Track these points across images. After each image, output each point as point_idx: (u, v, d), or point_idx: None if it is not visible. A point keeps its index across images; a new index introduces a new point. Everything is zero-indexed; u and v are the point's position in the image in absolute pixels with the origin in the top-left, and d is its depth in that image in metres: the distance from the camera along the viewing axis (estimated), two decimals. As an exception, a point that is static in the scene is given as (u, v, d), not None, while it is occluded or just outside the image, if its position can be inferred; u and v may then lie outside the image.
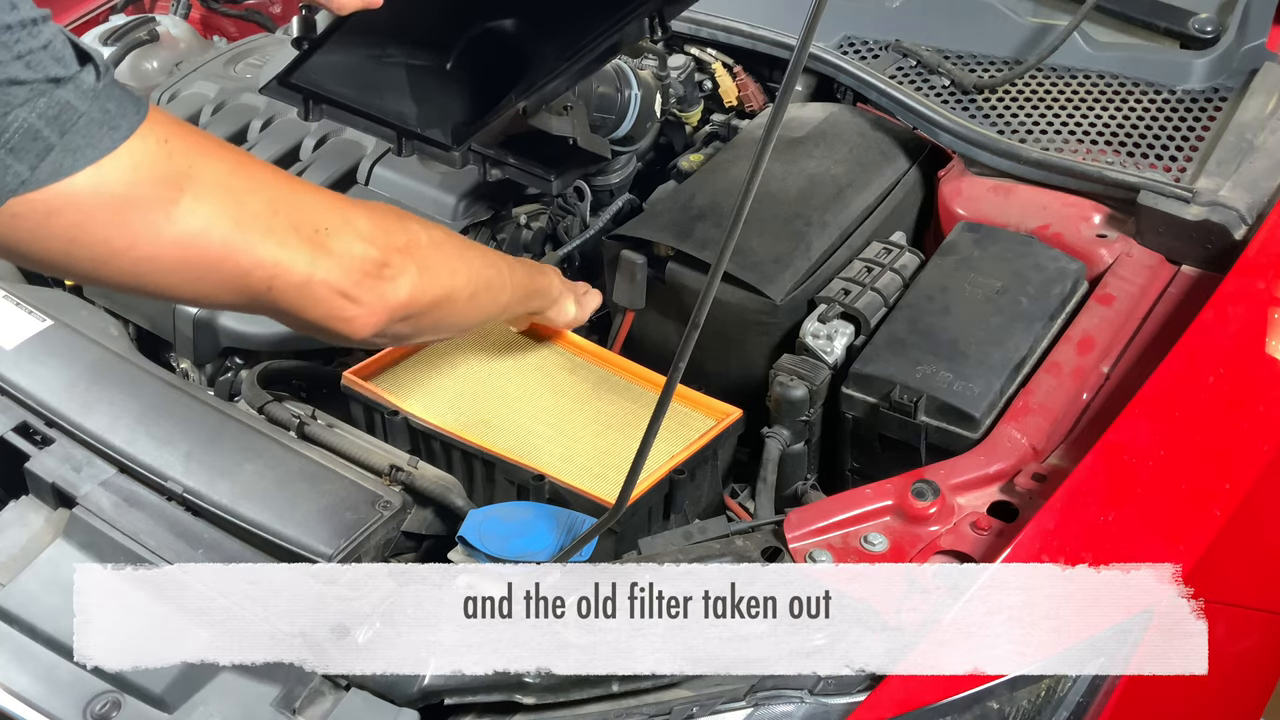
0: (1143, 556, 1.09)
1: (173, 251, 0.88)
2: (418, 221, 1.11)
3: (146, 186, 0.85)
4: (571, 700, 1.05)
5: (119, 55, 2.12)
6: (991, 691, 1.03)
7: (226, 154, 0.93)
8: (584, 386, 1.43)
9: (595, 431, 1.37)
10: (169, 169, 0.86)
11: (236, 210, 0.91)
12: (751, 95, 1.91)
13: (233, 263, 0.92)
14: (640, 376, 1.45)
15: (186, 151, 0.88)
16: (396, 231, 1.05)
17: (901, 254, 1.53)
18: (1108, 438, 1.17)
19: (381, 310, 1.02)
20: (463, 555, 1.19)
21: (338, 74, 1.31)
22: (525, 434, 1.36)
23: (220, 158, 0.92)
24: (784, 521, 1.17)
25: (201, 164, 0.89)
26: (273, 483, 1.22)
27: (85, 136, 0.81)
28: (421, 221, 1.12)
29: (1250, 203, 1.46)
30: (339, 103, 1.34)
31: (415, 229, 1.08)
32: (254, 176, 0.94)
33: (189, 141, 0.89)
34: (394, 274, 1.03)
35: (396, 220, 1.07)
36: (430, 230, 1.11)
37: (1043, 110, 1.65)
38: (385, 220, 1.05)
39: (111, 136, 0.83)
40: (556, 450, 1.34)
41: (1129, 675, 1.07)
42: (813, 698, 1.02)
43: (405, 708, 1.05)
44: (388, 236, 1.03)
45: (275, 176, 0.97)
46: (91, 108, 0.81)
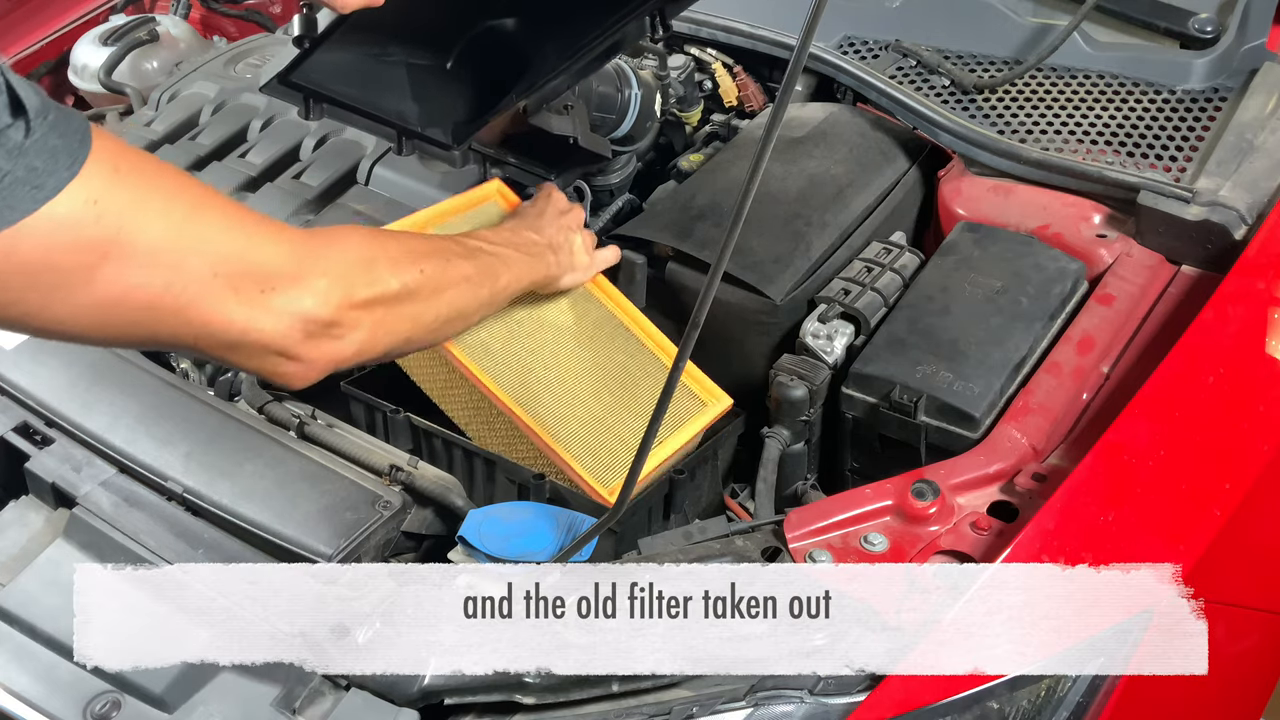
0: (1143, 556, 1.09)
1: (91, 314, 0.84)
2: (395, 263, 1.03)
3: (63, 254, 0.80)
4: (571, 700, 1.05)
5: (119, 55, 2.12)
6: (991, 691, 1.03)
7: (172, 207, 0.85)
8: (595, 333, 1.42)
9: (592, 389, 1.35)
10: (94, 234, 0.80)
11: (168, 275, 0.85)
12: (751, 95, 1.91)
13: (157, 324, 0.87)
14: (654, 340, 1.43)
15: (120, 212, 0.81)
16: (361, 284, 0.98)
17: (901, 254, 1.53)
18: (1108, 438, 1.17)
19: (323, 365, 0.97)
20: (463, 555, 1.19)
21: (338, 73, 1.31)
22: (522, 370, 1.34)
23: (161, 214, 0.84)
24: (784, 521, 1.17)
25: (135, 225, 0.82)
26: (273, 483, 1.22)
27: (4, 198, 0.76)
28: (399, 263, 1.03)
29: (1250, 203, 1.46)
30: (339, 101, 1.34)
31: (385, 277, 1.01)
32: (199, 234, 0.86)
33: (125, 199, 0.82)
34: (342, 333, 0.97)
35: (364, 271, 0.99)
36: (405, 273, 1.03)
37: (1043, 110, 1.65)
38: (351, 273, 0.97)
39: (34, 197, 0.77)
40: (549, 402, 1.32)
41: (1129, 675, 1.07)
42: (813, 698, 1.02)
43: (405, 708, 1.05)
44: (348, 291, 0.96)
45: (227, 230, 0.89)
46: (16, 166, 0.76)
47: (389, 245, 1.05)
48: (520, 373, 1.34)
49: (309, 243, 0.96)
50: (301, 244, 0.94)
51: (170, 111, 1.87)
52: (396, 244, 1.06)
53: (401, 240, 1.09)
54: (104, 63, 2.12)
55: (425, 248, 1.11)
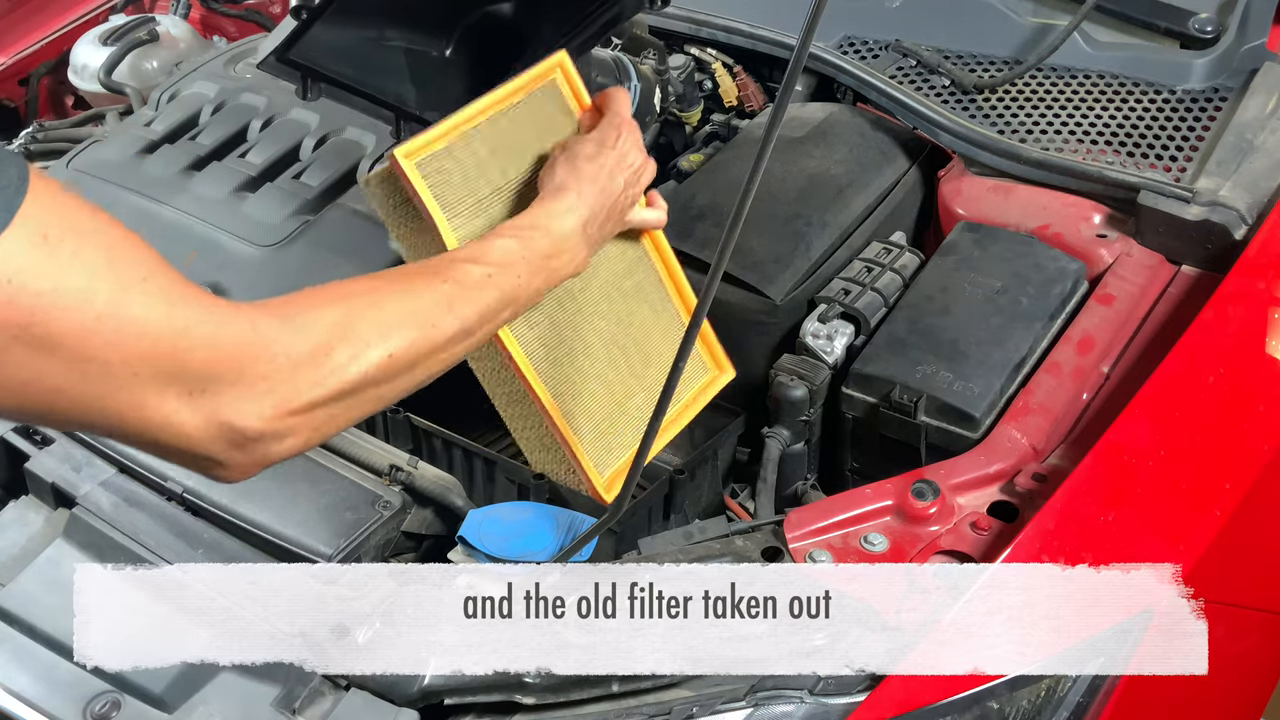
0: (1143, 556, 1.08)
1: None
2: (362, 344, 0.88)
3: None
4: (571, 700, 1.05)
5: (119, 55, 2.12)
6: (991, 691, 1.03)
7: (98, 287, 0.73)
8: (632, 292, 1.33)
9: (603, 342, 1.28)
10: (4, 315, 0.70)
11: (84, 366, 0.74)
12: (751, 95, 1.91)
13: (68, 412, 0.77)
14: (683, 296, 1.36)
15: (39, 292, 0.70)
16: (308, 385, 0.84)
17: (901, 254, 1.53)
18: (1108, 438, 1.17)
19: (254, 470, 0.86)
20: (463, 555, 1.19)
21: (337, 53, 1.30)
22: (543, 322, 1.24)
23: (84, 297, 0.73)
24: (784, 521, 1.17)
25: (54, 309, 0.71)
26: (272, 482, 1.22)
27: None
28: (368, 343, 0.88)
29: (1250, 203, 1.46)
30: (337, 81, 1.34)
31: (343, 367, 0.87)
32: (127, 321, 0.75)
33: (47, 276, 0.71)
34: (276, 441, 0.84)
35: (316, 366, 0.85)
36: (371, 355, 0.89)
37: (1043, 110, 1.65)
38: (299, 371, 0.84)
39: None
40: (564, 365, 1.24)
41: (1129, 675, 1.07)
42: (813, 698, 1.02)
43: (405, 708, 1.05)
44: (289, 396, 0.83)
45: (161, 320, 0.77)
46: None
47: (361, 321, 0.89)
48: (540, 327, 1.24)
49: (257, 330, 0.82)
50: (248, 333, 0.82)
51: (170, 111, 1.87)
52: (374, 315, 0.91)
53: (383, 306, 0.92)
54: (104, 63, 2.12)
55: (409, 312, 0.94)
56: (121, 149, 1.76)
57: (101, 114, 2.04)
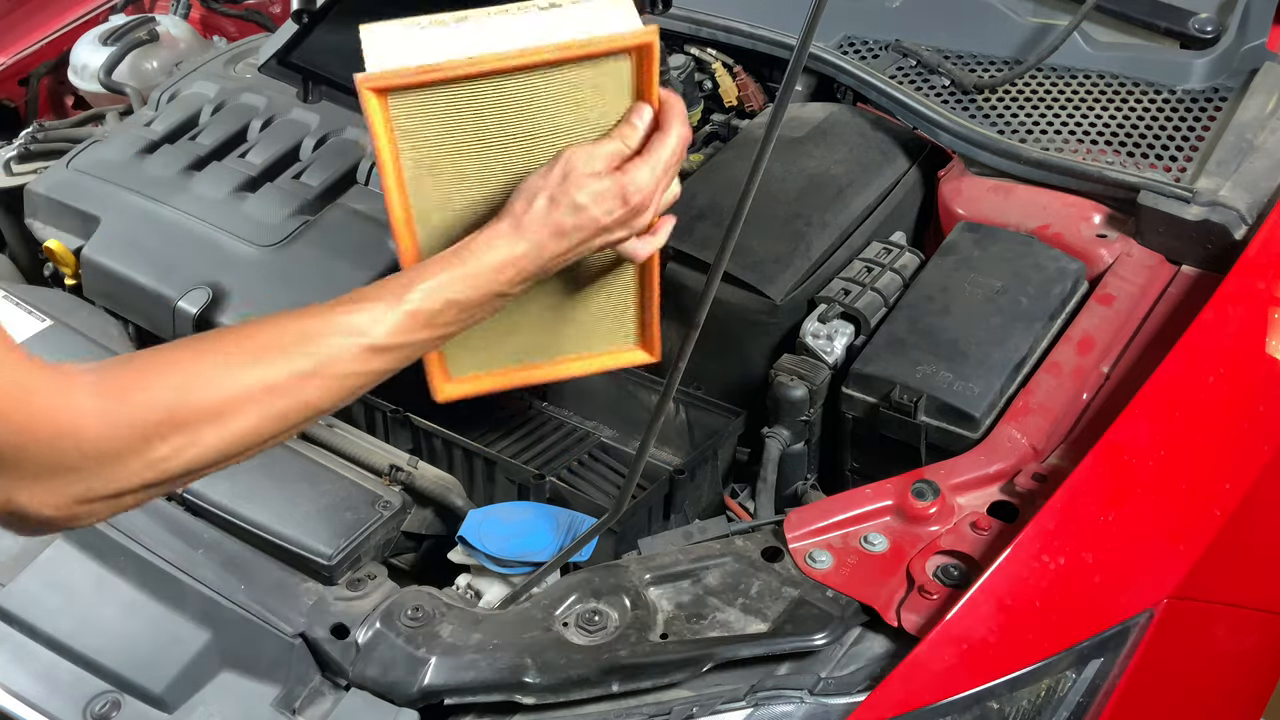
0: (1143, 556, 1.09)
1: None
2: (193, 430, 0.80)
3: None
4: (571, 700, 1.05)
5: (119, 55, 2.12)
6: (991, 691, 1.03)
7: None
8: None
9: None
10: None
11: None
12: (751, 95, 1.91)
13: None
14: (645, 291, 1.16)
15: None
16: (122, 477, 0.78)
17: (901, 254, 1.53)
18: (1108, 438, 1.17)
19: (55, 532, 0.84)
20: (463, 555, 1.19)
21: (338, 56, 1.30)
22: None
23: None
24: (784, 521, 1.17)
25: None
26: (273, 483, 1.22)
27: None
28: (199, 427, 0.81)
29: (1250, 203, 1.46)
30: (338, 84, 1.34)
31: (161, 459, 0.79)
32: None
33: None
34: (70, 522, 0.79)
35: (131, 460, 0.78)
36: (206, 436, 0.81)
37: (1043, 110, 1.65)
38: (106, 465, 0.78)
39: None
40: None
41: (1129, 675, 1.07)
42: (813, 698, 1.02)
43: (405, 708, 1.05)
44: (96, 488, 0.78)
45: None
46: None
47: (196, 395, 0.81)
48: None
49: (80, 413, 0.76)
50: (67, 417, 0.75)
51: (170, 111, 1.87)
52: (214, 392, 0.82)
53: (233, 369, 0.83)
54: (104, 63, 2.12)
55: (260, 385, 0.84)
56: (121, 149, 1.76)
57: (101, 114, 2.04)
